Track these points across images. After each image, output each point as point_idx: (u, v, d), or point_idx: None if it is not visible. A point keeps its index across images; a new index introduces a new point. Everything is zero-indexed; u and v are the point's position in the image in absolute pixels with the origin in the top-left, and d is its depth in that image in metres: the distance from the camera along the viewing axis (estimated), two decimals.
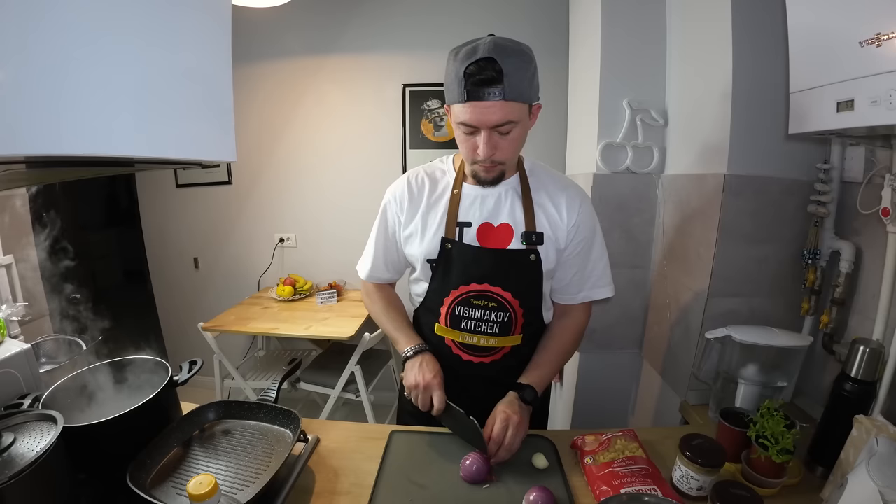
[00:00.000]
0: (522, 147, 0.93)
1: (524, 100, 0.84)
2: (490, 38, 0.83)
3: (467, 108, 0.83)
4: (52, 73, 0.46)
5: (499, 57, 0.79)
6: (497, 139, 0.86)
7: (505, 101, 0.81)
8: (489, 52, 0.79)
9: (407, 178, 1.05)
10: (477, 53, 0.80)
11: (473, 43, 0.82)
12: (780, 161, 1.13)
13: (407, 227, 1.02)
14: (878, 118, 0.64)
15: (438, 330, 1.02)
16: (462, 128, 0.87)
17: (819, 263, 1.13)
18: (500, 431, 0.86)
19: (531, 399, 0.93)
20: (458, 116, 0.85)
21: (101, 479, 0.73)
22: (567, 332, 1.05)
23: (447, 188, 1.01)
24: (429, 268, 1.00)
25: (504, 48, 0.80)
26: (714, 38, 1.16)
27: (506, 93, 0.80)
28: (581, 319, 1.07)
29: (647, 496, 0.71)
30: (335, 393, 2.12)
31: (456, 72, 0.82)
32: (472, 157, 0.90)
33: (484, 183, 0.95)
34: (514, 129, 0.86)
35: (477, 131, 0.86)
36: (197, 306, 2.83)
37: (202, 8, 0.65)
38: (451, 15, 2.33)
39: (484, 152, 0.86)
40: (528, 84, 0.83)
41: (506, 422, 0.87)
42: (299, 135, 2.60)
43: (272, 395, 0.96)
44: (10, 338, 0.95)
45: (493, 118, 0.82)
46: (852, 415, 0.78)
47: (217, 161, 0.74)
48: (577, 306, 1.06)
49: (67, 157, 0.53)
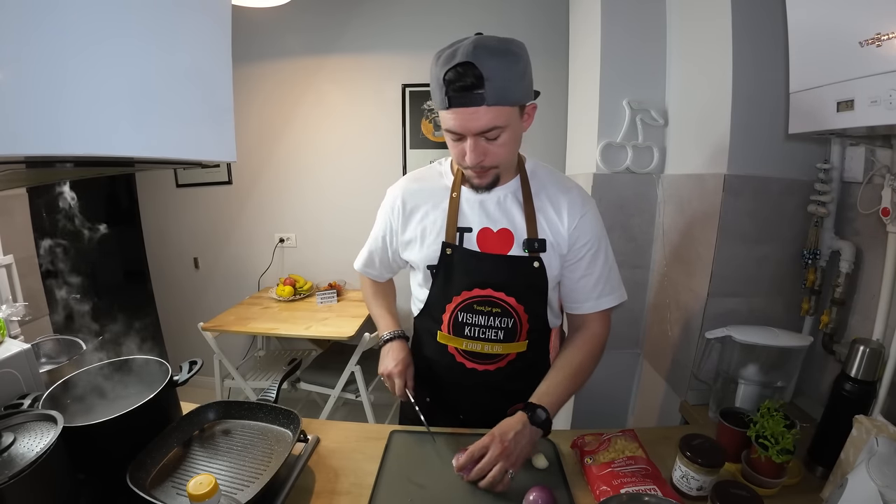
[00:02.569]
0: (517, 149, 0.90)
1: (510, 103, 0.79)
2: (473, 38, 0.77)
3: (450, 116, 0.79)
4: (53, 74, 0.46)
5: (478, 60, 0.74)
6: (485, 145, 0.82)
7: (488, 106, 0.76)
8: (468, 55, 0.74)
9: (404, 184, 1.02)
10: (455, 58, 0.75)
11: (454, 45, 0.77)
12: (780, 161, 1.13)
13: (405, 233, 1.00)
14: (878, 118, 0.64)
15: (441, 338, 0.99)
16: (449, 134, 0.84)
17: (819, 263, 1.13)
18: (474, 451, 0.79)
19: (542, 421, 0.83)
20: (444, 123, 0.82)
21: (101, 479, 0.73)
22: (584, 347, 0.97)
23: (446, 192, 0.97)
24: (430, 274, 0.98)
25: (486, 49, 0.75)
26: (714, 38, 1.16)
27: (488, 98, 0.75)
28: (597, 332, 0.99)
29: (647, 496, 0.71)
30: (335, 393, 2.12)
31: (437, 77, 0.78)
32: (461, 164, 0.87)
33: (478, 189, 0.92)
34: (503, 134, 0.81)
35: (464, 138, 0.82)
36: (197, 306, 2.83)
37: (202, 8, 0.65)
38: (450, 15, 2.34)
39: (471, 159, 0.82)
40: (514, 85, 0.78)
41: (487, 445, 0.79)
42: (299, 135, 2.60)
43: (272, 395, 0.96)
44: (10, 338, 0.95)
45: (477, 125, 0.78)
46: (852, 415, 0.78)
47: (217, 161, 0.74)
48: (593, 317, 0.99)
49: (67, 157, 0.53)
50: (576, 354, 0.96)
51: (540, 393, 0.89)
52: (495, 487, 0.77)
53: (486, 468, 0.77)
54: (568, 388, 0.92)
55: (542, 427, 0.83)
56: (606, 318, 1.01)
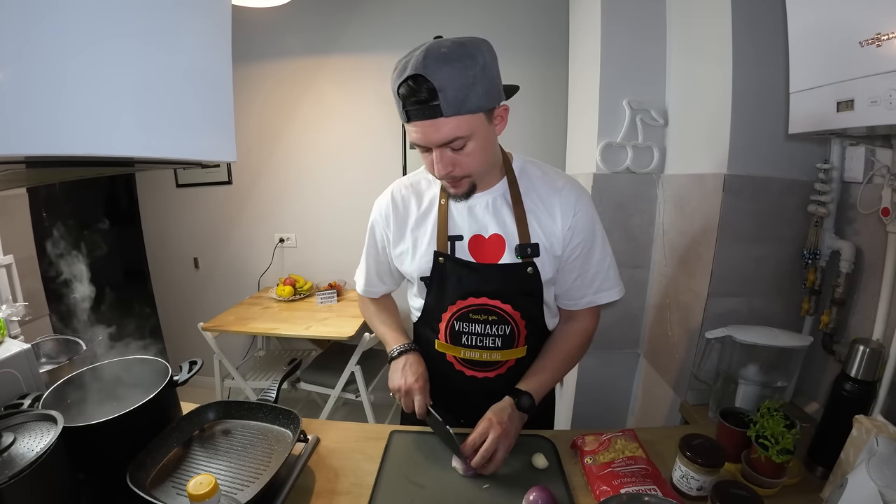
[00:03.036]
0: (490, 155, 0.85)
1: (471, 110, 0.75)
2: (425, 45, 0.73)
3: (412, 129, 0.77)
4: (53, 74, 0.46)
5: (428, 71, 0.70)
6: (452, 155, 0.79)
7: (447, 117, 0.73)
8: (417, 67, 0.71)
9: (391, 195, 0.99)
10: (406, 70, 0.72)
11: (408, 56, 0.74)
12: (780, 161, 1.13)
13: (397, 245, 0.98)
14: (878, 118, 0.64)
15: (439, 346, 0.98)
16: (416, 147, 0.81)
17: (819, 263, 1.13)
18: (475, 438, 0.82)
19: (527, 406, 0.88)
20: (409, 136, 0.80)
21: (101, 479, 0.73)
22: (571, 338, 1.00)
23: (434, 200, 0.95)
24: (423, 285, 0.96)
25: (437, 58, 0.71)
26: (714, 38, 1.16)
27: (445, 109, 0.72)
28: (587, 325, 1.01)
29: (647, 496, 0.71)
30: (335, 393, 2.12)
31: (393, 91, 0.76)
32: (433, 174, 0.84)
33: (455, 198, 0.89)
34: (469, 143, 0.78)
35: (431, 149, 0.79)
36: (197, 306, 2.83)
37: (202, 8, 0.65)
38: (450, 15, 2.33)
39: (439, 171, 0.80)
40: (474, 91, 0.73)
41: (487, 430, 0.83)
42: (299, 135, 2.60)
43: (272, 395, 0.96)
44: (10, 338, 0.95)
45: (437, 137, 0.76)
46: (852, 415, 0.78)
47: (217, 161, 0.73)
48: (583, 311, 1.00)
49: (67, 157, 0.53)
50: (565, 345, 0.99)
51: (527, 378, 0.94)
52: (487, 469, 0.82)
53: (490, 449, 0.81)
54: (554, 378, 0.96)
55: (527, 412, 0.89)
56: (598, 311, 1.03)
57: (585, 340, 1.01)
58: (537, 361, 0.97)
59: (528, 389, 0.91)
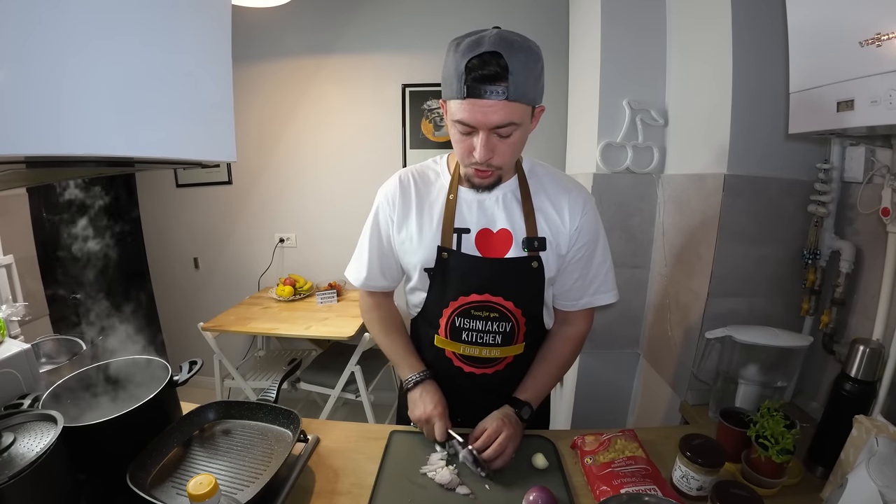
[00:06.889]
0: (521, 150, 0.87)
1: (528, 101, 0.76)
2: (495, 30, 0.75)
3: (466, 106, 0.75)
4: (53, 74, 0.46)
5: (505, 52, 0.71)
6: (496, 142, 0.79)
7: (508, 100, 0.74)
8: (495, 45, 0.72)
9: (398, 178, 0.98)
10: (481, 46, 0.72)
11: (477, 34, 0.75)
12: (780, 161, 1.13)
13: (401, 230, 0.96)
14: (878, 118, 0.64)
15: (438, 342, 0.98)
16: (458, 126, 0.79)
17: (819, 263, 1.13)
18: (490, 434, 0.86)
19: (527, 417, 0.93)
20: (455, 114, 0.78)
21: (101, 479, 0.73)
22: (567, 343, 1.02)
23: (441, 192, 0.94)
24: (426, 277, 0.95)
25: (511, 43, 0.73)
26: (714, 38, 1.16)
27: (510, 92, 0.73)
28: (581, 328, 1.03)
29: (647, 496, 0.71)
30: (335, 393, 2.12)
31: (456, 65, 0.74)
32: (467, 160, 0.83)
33: (478, 188, 0.89)
34: (515, 133, 0.79)
35: (475, 132, 0.78)
36: (197, 306, 2.83)
37: (202, 8, 0.65)
38: (451, 15, 2.33)
39: (481, 155, 0.79)
40: (533, 84, 0.76)
41: (500, 427, 0.87)
42: (299, 135, 2.60)
43: (272, 395, 0.96)
44: (10, 338, 0.95)
45: (494, 119, 0.75)
46: (852, 415, 0.78)
47: (217, 161, 0.73)
48: (578, 313, 1.02)
49: (67, 157, 0.53)
50: (562, 350, 1.02)
51: (525, 386, 0.97)
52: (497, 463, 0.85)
53: (504, 443, 0.85)
54: (551, 383, 1.00)
55: (525, 422, 0.93)
56: (592, 314, 1.06)
57: (579, 345, 1.05)
58: (534, 367, 0.99)
59: (527, 399, 0.94)
